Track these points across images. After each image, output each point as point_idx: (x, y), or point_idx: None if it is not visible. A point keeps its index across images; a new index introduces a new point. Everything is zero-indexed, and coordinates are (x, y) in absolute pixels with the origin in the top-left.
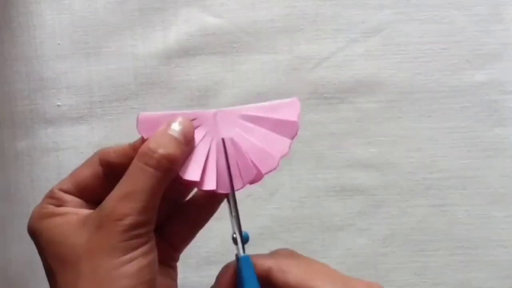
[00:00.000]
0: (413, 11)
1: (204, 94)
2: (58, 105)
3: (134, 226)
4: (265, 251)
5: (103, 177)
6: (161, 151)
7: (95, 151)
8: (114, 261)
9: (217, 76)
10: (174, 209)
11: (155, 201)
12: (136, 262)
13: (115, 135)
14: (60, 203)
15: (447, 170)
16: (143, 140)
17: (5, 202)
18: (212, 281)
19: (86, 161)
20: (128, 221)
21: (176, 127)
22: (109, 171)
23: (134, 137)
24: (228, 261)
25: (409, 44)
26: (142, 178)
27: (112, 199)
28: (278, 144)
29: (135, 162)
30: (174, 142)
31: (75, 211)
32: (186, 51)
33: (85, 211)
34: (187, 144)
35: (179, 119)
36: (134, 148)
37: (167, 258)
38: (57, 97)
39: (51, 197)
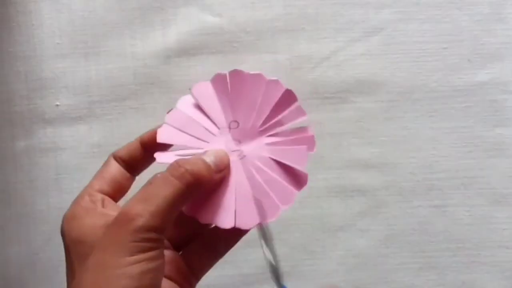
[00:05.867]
0: (414, 10)
1: None
2: (57, 105)
3: (145, 228)
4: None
5: (127, 173)
6: (187, 166)
7: (94, 151)
8: (119, 259)
9: None
10: (198, 233)
11: (170, 211)
12: (140, 265)
13: (114, 135)
14: (96, 205)
15: (448, 171)
16: (151, 134)
17: (3, 202)
18: None
19: (104, 164)
20: (140, 222)
21: (210, 155)
22: (127, 167)
23: (133, 136)
24: None
25: (410, 43)
26: (162, 185)
27: (131, 200)
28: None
29: (161, 173)
30: (203, 164)
31: (104, 212)
32: (186, 51)
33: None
34: (217, 172)
35: (215, 152)
36: (141, 141)
37: (183, 280)
38: (56, 97)
39: (89, 195)
